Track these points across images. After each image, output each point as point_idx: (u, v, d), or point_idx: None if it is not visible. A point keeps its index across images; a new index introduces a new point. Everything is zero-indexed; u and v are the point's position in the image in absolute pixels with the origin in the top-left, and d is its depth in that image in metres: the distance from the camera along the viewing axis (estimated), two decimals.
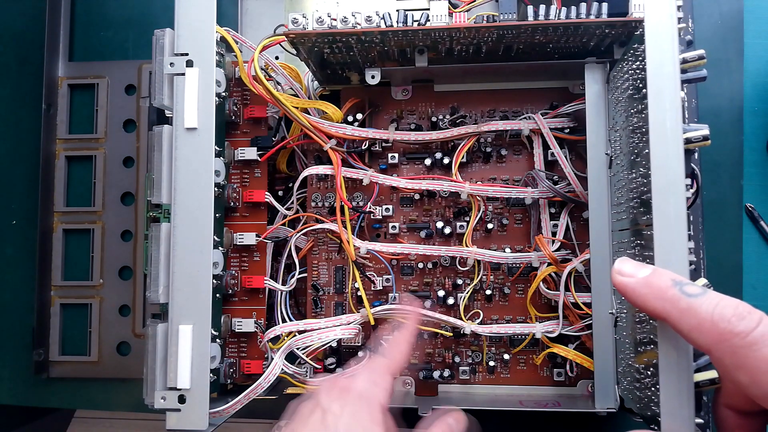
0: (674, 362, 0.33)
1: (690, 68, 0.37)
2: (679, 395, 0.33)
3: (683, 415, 0.33)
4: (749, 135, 0.55)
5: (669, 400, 0.33)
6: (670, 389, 0.33)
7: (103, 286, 0.60)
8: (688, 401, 0.32)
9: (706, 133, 0.36)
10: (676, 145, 0.35)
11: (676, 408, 0.33)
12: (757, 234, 0.54)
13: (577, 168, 0.48)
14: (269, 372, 0.44)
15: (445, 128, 0.50)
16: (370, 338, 0.49)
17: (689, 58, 0.37)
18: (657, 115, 0.35)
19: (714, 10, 0.55)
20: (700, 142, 0.36)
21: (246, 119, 0.51)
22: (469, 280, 0.50)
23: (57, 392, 0.60)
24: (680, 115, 0.35)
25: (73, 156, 0.61)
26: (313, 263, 0.52)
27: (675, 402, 0.33)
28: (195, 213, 0.42)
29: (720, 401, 0.32)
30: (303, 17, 0.42)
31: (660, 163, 0.35)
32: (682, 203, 0.34)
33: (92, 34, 0.63)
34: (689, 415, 0.32)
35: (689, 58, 0.37)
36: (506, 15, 0.43)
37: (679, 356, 0.33)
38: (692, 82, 0.38)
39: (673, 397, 0.33)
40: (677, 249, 0.34)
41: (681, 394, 0.33)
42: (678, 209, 0.34)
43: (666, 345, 0.33)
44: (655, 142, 0.35)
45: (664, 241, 0.34)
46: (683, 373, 0.33)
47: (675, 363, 0.33)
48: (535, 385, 0.50)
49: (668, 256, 0.34)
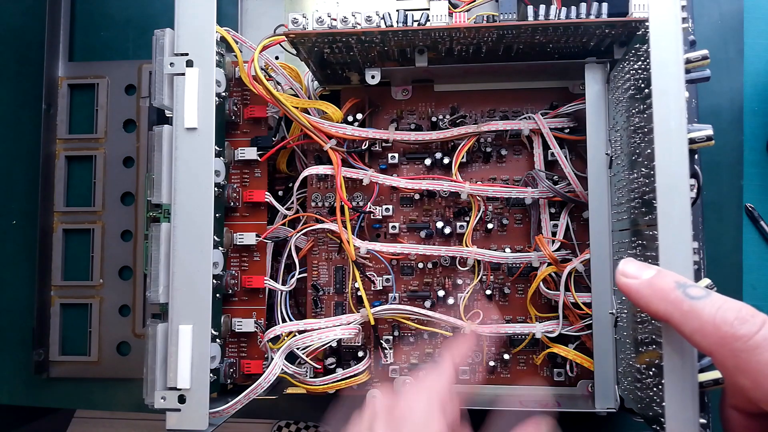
0: (678, 363, 0.33)
1: (693, 68, 0.37)
2: (683, 396, 0.33)
3: (687, 417, 0.32)
4: (749, 135, 0.55)
5: (673, 401, 0.33)
6: (675, 390, 0.33)
7: (103, 286, 0.60)
8: (693, 402, 0.32)
9: (710, 133, 0.36)
10: (680, 145, 0.35)
11: (681, 409, 0.33)
12: (757, 234, 0.54)
13: (577, 168, 0.48)
14: (269, 372, 0.44)
15: (445, 128, 0.50)
16: (371, 339, 0.49)
17: (693, 58, 0.37)
18: (662, 116, 0.35)
19: (714, 10, 0.55)
20: (704, 142, 0.36)
21: (246, 119, 0.51)
22: (469, 280, 0.50)
23: (57, 392, 0.60)
24: (685, 116, 0.35)
25: (73, 156, 0.61)
26: (313, 263, 0.52)
27: (679, 403, 0.33)
28: (195, 213, 0.42)
29: (726, 402, 0.32)
30: (303, 17, 0.42)
31: (664, 164, 0.35)
32: (687, 203, 0.34)
33: (92, 34, 0.63)
34: (694, 417, 0.32)
35: (693, 59, 0.37)
36: (506, 15, 0.43)
37: (684, 357, 0.33)
38: (696, 82, 0.38)
39: (677, 399, 0.33)
40: (681, 249, 0.34)
41: (685, 396, 0.33)
42: (683, 209, 0.34)
43: (670, 345, 0.33)
44: (660, 143, 0.35)
45: (668, 242, 0.34)
46: (687, 374, 0.33)
47: (679, 364, 0.33)
48: (535, 385, 0.49)
49: (672, 257, 0.34)
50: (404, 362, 0.50)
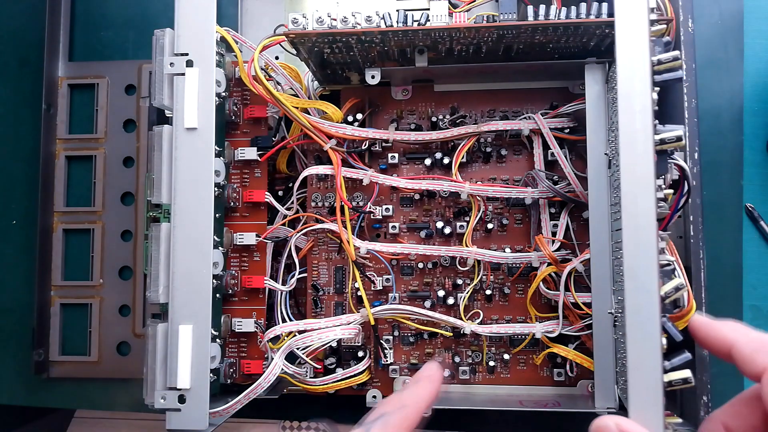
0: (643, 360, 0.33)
1: (666, 69, 0.37)
2: (647, 394, 0.33)
3: (651, 414, 0.33)
4: (749, 135, 0.55)
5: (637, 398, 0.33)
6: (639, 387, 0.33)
7: (103, 286, 0.60)
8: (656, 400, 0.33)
9: (680, 134, 0.36)
10: (645, 145, 0.35)
11: (643, 407, 0.33)
12: (757, 234, 0.54)
13: (577, 168, 0.48)
14: (269, 372, 0.44)
15: (445, 128, 0.50)
16: (370, 339, 0.49)
17: (664, 59, 0.37)
18: (627, 116, 0.35)
19: (714, 10, 0.55)
20: (674, 143, 0.36)
21: (246, 119, 0.51)
22: (469, 280, 0.50)
23: (57, 392, 0.60)
24: (650, 116, 0.35)
25: (73, 156, 0.61)
26: (313, 263, 0.52)
27: (642, 401, 0.33)
28: (195, 213, 0.42)
29: (718, 417, 0.31)
30: (303, 17, 0.42)
31: (629, 163, 0.35)
32: (652, 202, 0.34)
33: (92, 34, 0.63)
34: (657, 415, 0.33)
35: (664, 60, 0.37)
36: (506, 15, 0.43)
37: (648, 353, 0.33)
38: (668, 83, 0.38)
39: (641, 396, 0.33)
40: (646, 248, 0.34)
41: (648, 393, 0.33)
42: (647, 208, 0.34)
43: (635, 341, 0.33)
44: (625, 143, 0.35)
45: (632, 240, 0.34)
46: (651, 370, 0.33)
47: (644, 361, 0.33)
48: (535, 385, 0.50)
49: (636, 255, 0.34)
50: (404, 362, 0.50)
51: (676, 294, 0.35)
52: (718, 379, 0.44)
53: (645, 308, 0.34)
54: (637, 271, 0.34)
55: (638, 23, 0.36)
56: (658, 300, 0.34)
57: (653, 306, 0.34)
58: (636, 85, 0.35)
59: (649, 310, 0.34)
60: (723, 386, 0.48)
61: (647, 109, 0.35)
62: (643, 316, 0.34)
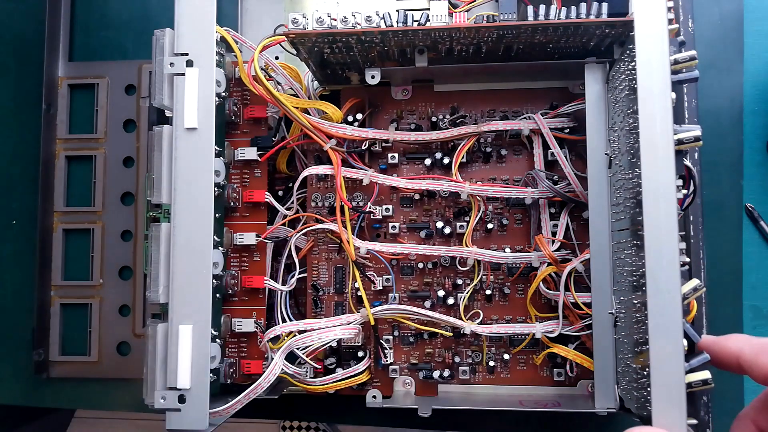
0: (666, 363, 0.33)
1: (682, 69, 0.37)
2: (670, 396, 0.33)
3: (674, 417, 0.32)
4: (749, 135, 0.55)
5: (660, 400, 0.33)
6: (662, 390, 0.33)
7: (103, 286, 0.60)
8: (680, 402, 0.32)
9: (698, 134, 0.36)
10: (666, 145, 0.35)
11: (667, 409, 0.33)
12: (757, 234, 0.54)
13: (577, 168, 0.48)
14: (269, 372, 0.44)
15: (445, 128, 0.50)
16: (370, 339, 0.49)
17: (681, 59, 0.37)
18: (647, 116, 0.35)
19: (714, 10, 0.55)
20: (692, 143, 0.36)
21: (246, 119, 0.51)
22: (469, 280, 0.50)
23: (57, 392, 0.60)
24: (670, 116, 0.35)
25: (73, 156, 0.61)
26: (313, 263, 0.52)
27: (666, 403, 0.33)
28: (195, 213, 0.42)
29: (748, 415, 0.32)
30: (303, 17, 0.42)
31: (650, 164, 0.35)
32: (673, 204, 0.34)
33: (92, 34, 0.63)
34: (681, 417, 0.32)
35: (681, 59, 0.37)
36: (506, 15, 0.43)
37: (671, 357, 0.33)
38: (685, 82, 0.38)
39: (664, 398, 0.33)
40: (669, 250, 0.34)
41: (672, 395, 0.33)
42: (669, 210, 0.34)
43: (657, 344, 0.33)
44: (646, 143, 0.35)
45: (655, 242, 0.34)
46: (675, 373, 0.33)
47: (667, 363, 0.33)
48: (535, 385, 0.49)
49: (659, 258, 0.34)
50: (404, 362, 0.50)
51: (695, 294, 0.35)
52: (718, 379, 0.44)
53: (668, 310, 0.34)
54: (659, 273, 0.34)
55: (657, 23, 0.36)
56: (680, 302, 0.34)
57: (676, 308, 0.33)
58: (656, 85, 0.35)
59: (672, 312, 0.34)
60: (723, 386, 0.48)
61: (667, 110, 0.35)
62: (666, 318, 0.33)
